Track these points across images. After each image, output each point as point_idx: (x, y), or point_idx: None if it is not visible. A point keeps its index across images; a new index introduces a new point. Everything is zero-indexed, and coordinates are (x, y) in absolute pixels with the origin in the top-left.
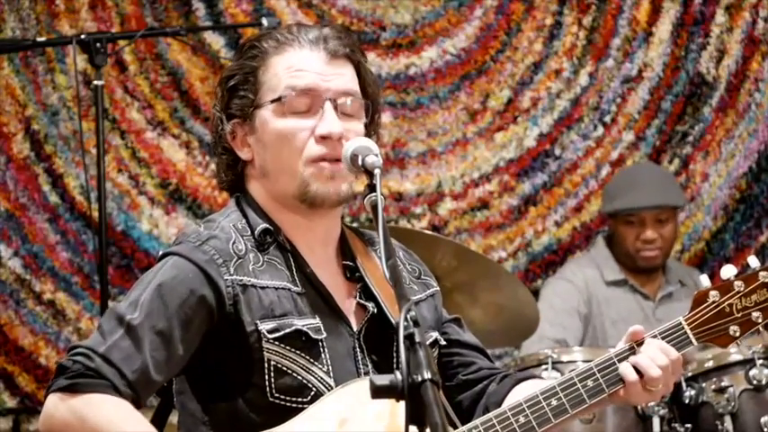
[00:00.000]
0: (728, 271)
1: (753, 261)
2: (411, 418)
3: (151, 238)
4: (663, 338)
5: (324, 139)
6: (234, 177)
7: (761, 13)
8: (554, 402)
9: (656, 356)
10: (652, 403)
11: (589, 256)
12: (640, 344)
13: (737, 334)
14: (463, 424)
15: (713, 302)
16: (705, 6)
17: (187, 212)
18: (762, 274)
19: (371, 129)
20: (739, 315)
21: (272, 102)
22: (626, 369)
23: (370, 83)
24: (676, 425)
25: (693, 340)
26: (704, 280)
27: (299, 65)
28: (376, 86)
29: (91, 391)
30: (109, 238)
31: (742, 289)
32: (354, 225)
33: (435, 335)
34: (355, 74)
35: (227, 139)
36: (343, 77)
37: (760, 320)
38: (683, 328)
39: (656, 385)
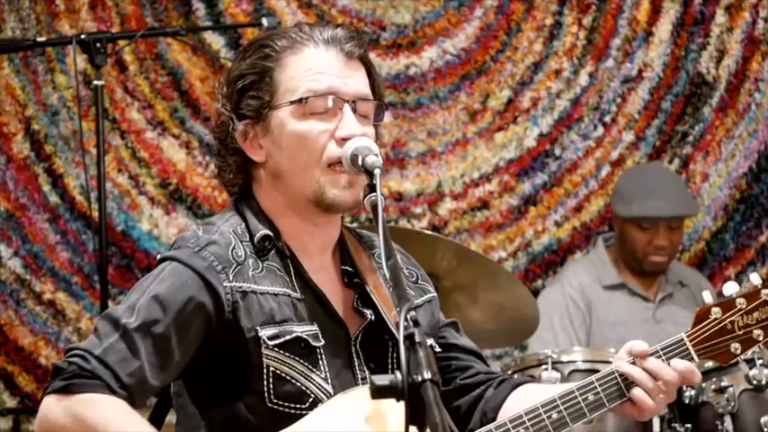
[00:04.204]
0: (731, 288)
1: (755, 278)
2: (411, 419)
3: (151, 238)
4: (664, 354)
5: (344, 141)
6: (244, 180)
7: (761, 13)
8: (554, 415)
9: (654, 368)
10: None
11: (587, 260)
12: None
13: (738, 351)
14: (461, 429)
15: (715, 319)
16: (705, 6)
17: (187, 212)
18: (764, 291)
19: (377, 129)
20: (741, 332)
21: (292, 103)
22: (639, 394)
23: (379, 84)
24: (676, 425)
25: (695, 356)
26: (707, 296)
27: (317, 67)
28: (383, 87)
29: (85, 391)
30: (109, 238)
31: (744, 306)
32: (354, 225)
33: (430, 341)
34: (367, 75)
35: (239, 140)
36: (360, 80)
37: (761, 338)
38: (684, 344)
39: (658, 394)
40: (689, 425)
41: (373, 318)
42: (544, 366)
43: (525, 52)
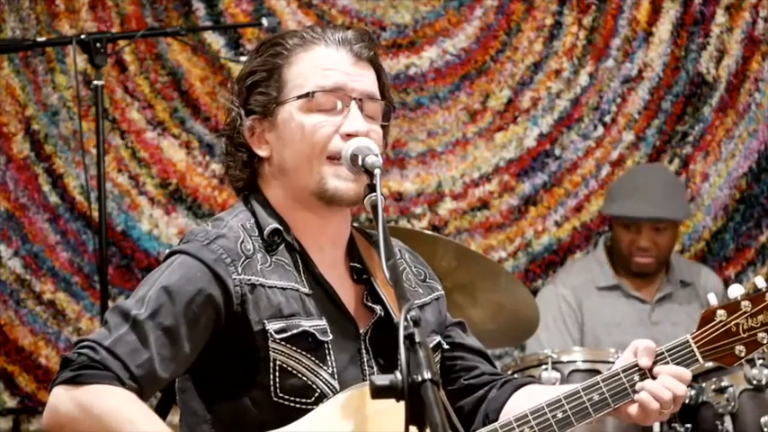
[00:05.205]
0: (736, 290)
1: (760, 282)
2: (411, 419)
3: (151, 238)
4: (669, 356)
5: (349, 136)
6: (249, 175)
7: (761, 13)
8: (559, 415)
9: (671, 385)
10: None
11: (584, 261)
12: (653, 364)
13: (743, 354)
14: (464, 430)
15: (720, 321)
16: (705, 6)
17: (187, 212)
18: None
19: (385, 131)
20: (745, 335)
21: (299, 98)
22: (644, 397)
23: (387, 87)
24: (676, 425)
25: (700, 358)
26: (712, 298)
27: (326, 63)
28: (391, 91)
29: (94, 382)
30: (109, 238)
31: (749, 309)
32: (355, 225)
33: (438, 339)
34: (376, 77)
35: (246, 135)
36: (368, 80)
37: (765, 341)
38: (690, 346)
39: (669, 407)
40: (689, 425)
41: (383, 314)
42: (544, 366)
43: (525, 52)
